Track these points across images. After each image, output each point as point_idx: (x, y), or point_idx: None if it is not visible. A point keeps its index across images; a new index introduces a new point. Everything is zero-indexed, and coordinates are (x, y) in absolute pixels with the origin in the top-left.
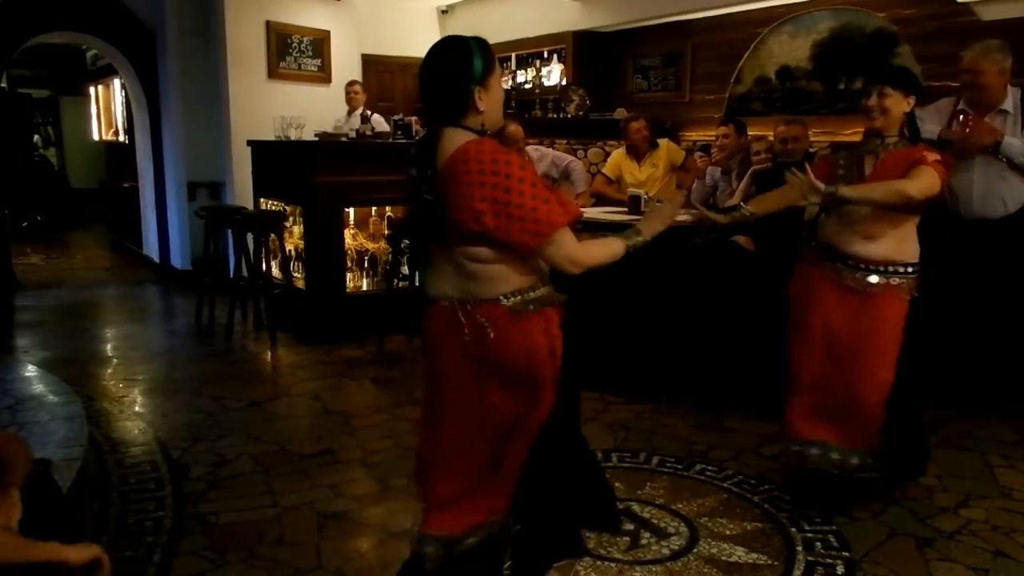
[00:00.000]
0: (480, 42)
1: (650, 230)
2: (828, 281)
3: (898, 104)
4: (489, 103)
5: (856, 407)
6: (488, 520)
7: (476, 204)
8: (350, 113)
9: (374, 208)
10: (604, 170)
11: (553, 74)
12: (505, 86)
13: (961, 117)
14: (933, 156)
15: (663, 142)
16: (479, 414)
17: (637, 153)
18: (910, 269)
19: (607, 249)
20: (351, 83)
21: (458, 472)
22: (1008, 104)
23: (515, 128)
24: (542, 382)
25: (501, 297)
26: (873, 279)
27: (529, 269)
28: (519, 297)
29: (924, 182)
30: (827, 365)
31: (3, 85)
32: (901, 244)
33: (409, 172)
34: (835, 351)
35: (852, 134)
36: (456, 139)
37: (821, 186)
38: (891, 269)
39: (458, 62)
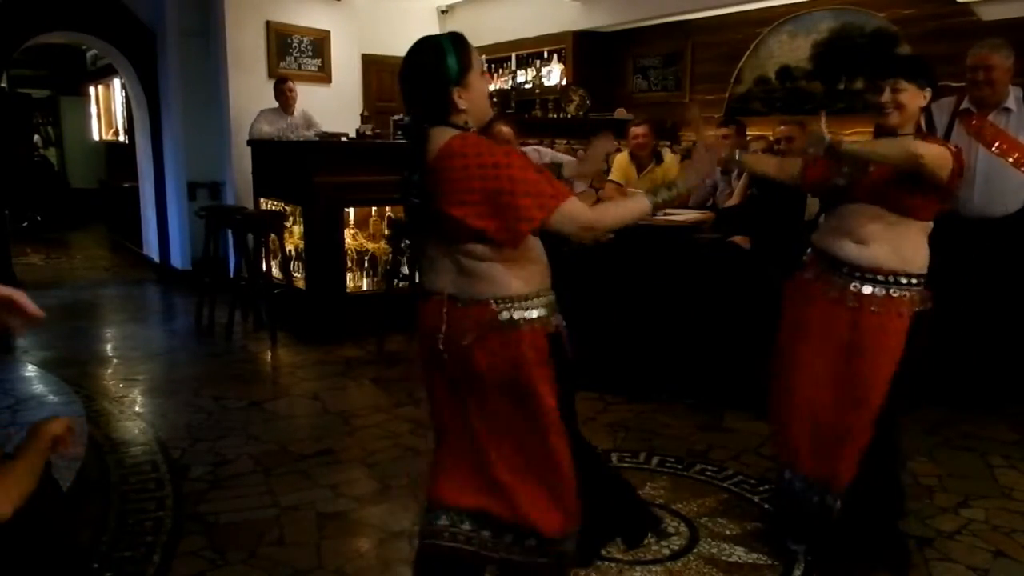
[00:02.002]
0: (455, 40)
1: (687, 183)
2: (820, 299)
3: (914, 98)
4: (471, 101)
5: (842, 434)
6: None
7: (467, 198)
8: (285, 111)
9: (374, 208)
10: (612, 177)
11: (553, 74)
12: (505, 86)
13: (972, 118)
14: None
15: (669, 159)
16: (464, 415)
17: (638, 161)
18: (913, 280)
19: (628, 209)
20: (284, 80)
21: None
22: (1011, 102)
23: (504, 129)
24: (532, 391)
25: (492, 301)
26: (867, 290)
27: (529, 274)
28: (511, 305)
29: (935, 150)
30: (817, 388)
31: (3, 85)
32: (900, 251)
33: (403, 174)
34: (824, 373)
35: (852, 134)
36: (442, 137)
37: (825, 136)
38: (889, 279)
39: (432, 65)
